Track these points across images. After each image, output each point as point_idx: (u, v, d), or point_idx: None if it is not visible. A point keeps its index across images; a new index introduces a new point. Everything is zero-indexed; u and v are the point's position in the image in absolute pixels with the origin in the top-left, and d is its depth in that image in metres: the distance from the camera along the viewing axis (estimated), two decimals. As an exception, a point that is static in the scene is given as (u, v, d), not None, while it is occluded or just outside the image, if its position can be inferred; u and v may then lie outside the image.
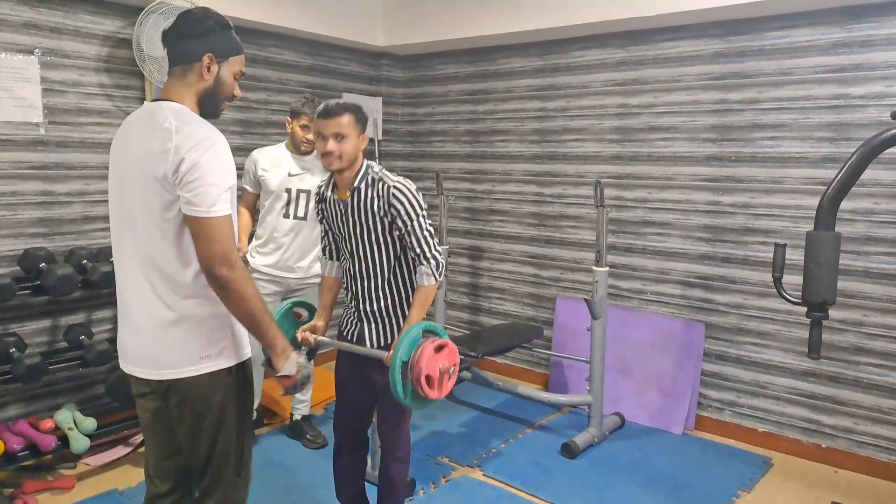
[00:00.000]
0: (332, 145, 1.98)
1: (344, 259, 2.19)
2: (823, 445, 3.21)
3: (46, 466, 2.95)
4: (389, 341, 2.13)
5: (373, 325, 2.14)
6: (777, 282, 2.10)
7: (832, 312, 2.96)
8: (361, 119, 2.05)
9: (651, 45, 3.57)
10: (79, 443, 2.83)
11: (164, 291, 1.57)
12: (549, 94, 4.01)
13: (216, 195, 1.49)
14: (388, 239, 2.06)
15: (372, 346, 2.14)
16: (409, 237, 2.03)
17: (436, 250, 2.07)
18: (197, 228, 1.49)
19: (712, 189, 3.44)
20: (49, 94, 3.01)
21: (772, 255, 2.15)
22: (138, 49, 3.07)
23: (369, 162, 2.10)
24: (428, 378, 1.86)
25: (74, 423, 2.91)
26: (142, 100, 3.32)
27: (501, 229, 4.32)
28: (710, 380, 3.53)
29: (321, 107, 2.03)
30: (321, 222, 2.23)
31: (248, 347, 1.70)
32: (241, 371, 1.68)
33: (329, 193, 2.15)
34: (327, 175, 2.18)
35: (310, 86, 4.19)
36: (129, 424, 3.10)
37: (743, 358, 3.42)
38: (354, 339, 2.18)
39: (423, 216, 2.05)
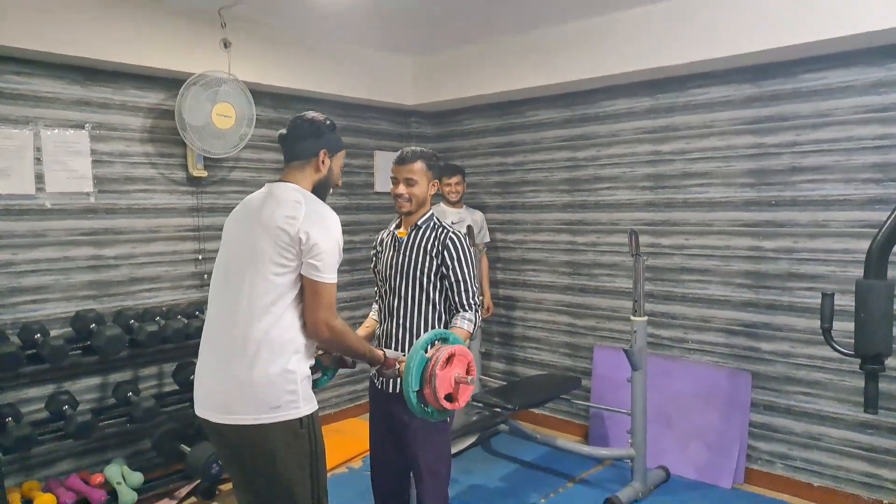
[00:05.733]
0: (402, 188, 2.15)
1: (382, 301, 2.25)
2: (885, 501, 3.02)
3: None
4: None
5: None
6: (826, 332, 2.02)
7: (890, 361, 2.83)
8: (433, 166, 2.20)
9: (680, 92, 3.57)
10: (127, 497, 2.93)
11: (249, 346, 1.72)
12: (578, 144, 4.03)
13: (333, 265, 1.76)
14: (432, 280, 2.14)
15: (397, 392, 2.15)
16: (456, 285, 2.13)
17: (475, 300, 2.16)
18: (313, 291, 1.75)
19: (753, 234, 3.37)
20: (98, 165, 3.17)
21: (819, 301, 2.08)
22: (180, 119, 3.22)
23: (434, 209, 2.25)
24: (448, 396, 1.86)
25: (123, 477, 3.01)
26: (184, 166, 3.47)
27: (535, 279, 4.30)
28: (759, 431, 3.39)
29: (398, 153, 2.20)
30: (373, 269, 2.33)
31: (315, 401, 1.83)
32: (312, 422, 1.80)
33: (387, 236, 2.28)
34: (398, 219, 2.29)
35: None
36: (175, 478, 3.17)
37: (793, 408, 3.28)
38: (382, 387, 2.22)
39: (471, 267, 2.15)
